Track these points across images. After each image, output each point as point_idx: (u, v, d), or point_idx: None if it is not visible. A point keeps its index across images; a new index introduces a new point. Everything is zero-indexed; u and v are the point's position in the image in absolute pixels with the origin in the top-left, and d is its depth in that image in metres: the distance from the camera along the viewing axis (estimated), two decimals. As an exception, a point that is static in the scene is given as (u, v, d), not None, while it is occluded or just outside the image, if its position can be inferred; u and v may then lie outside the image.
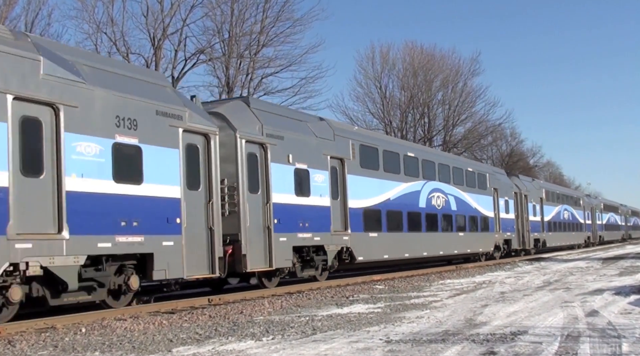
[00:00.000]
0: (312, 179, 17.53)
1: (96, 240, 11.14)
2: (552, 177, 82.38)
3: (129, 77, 12.78)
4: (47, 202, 10.54)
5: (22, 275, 10.07)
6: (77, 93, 11.11)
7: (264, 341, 8.17)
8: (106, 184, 11.48)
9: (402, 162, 22.73)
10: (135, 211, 11.92)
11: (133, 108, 12.15)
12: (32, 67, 10.47)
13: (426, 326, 8.99)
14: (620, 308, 10.57)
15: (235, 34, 36.83)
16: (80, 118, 11.10)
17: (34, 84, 10.46)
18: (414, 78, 51.41)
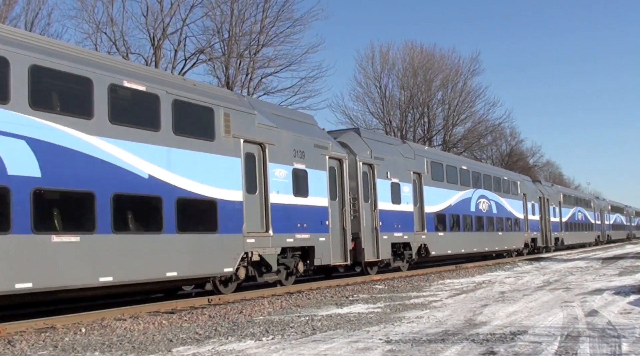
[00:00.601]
0: (402, 190, 22.46)
1: (286, 237, 16.01)
2: (552, 176, 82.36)
3: (296, 120, 18.02)
4: (260, 211, 15.33)
5: (249, 260, 14.84)
6: (273, 135, 15.94)
7: (264, 341, 8.17)
8: (290, 198, 16.34)
9: (458, 174, 27.75)
10: (305, 216, 16.78)
11: (302, 143, 17.12)
12: (251, 120, 15.35)
13: (426, 326, 8.99)
14: (619, 308, 10.58)
15: (235, 33, 36.82)
16: (275, 152, 15.91)
17: (252, 130, 15.30)
18: (413, 78, 51.39)
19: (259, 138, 15.40)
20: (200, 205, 13.63)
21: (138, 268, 12.01)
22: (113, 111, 11.90)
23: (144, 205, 12.48)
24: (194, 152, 13.62)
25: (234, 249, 14.35)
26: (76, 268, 10.90)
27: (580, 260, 28.96)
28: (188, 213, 13.25)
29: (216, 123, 14.29)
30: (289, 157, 16.43)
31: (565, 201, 44.22)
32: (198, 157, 13.68)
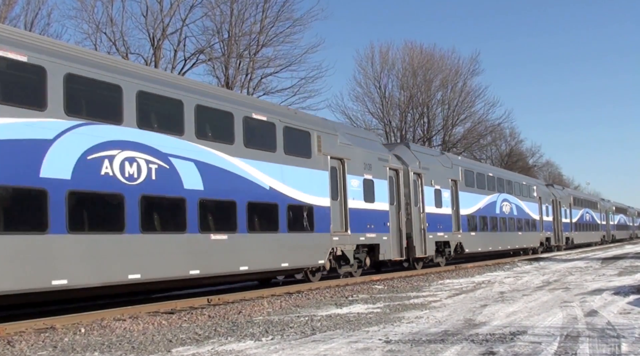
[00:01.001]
0: (443, 196, 25.81)
1: (359, 235, 19.29)
2: (551, 176, 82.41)
3: (364, 138, 21.62)
4: (341, 214, 18.64)
5: (334, 254, 18.22)
6: (349, 151, 19.34)
7: (263, 341, 8.17)
8: (361, 203, 19.67)
9: (486, 181, 31.35)
10: (372, 219, 20.05)
11: (369, 157, 20.47)
12: (334, 140, 18.76)
13: (425, 327, 8.99)
14: (619, 308, 10.58)
15: (235, 33, 36.81)
16: (351, 165, 19.25)
17: (335, 148, 18.68)
18: (413, 78, 51.40)
19: (340, 154, 18.95)
20: (302, 210, 17.04)
21: (265, 259, 15.54)
22: (246, 137, 15.38)
23: (266, 210, 15.77)
24: (298, 167, 17.09)
25: (324, 245, 17.76)
26: (226, 259, 14.33)
27: (579, 260, 28.96)
28: (294, 216, 16.65)
29: (312, 144, 17.83)
30: (360, 169, 19.97)
31: (575, 203, 47.14)
32: (300, 172, 17.17)
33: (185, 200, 13.31)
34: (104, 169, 11.71)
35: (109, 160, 11.81)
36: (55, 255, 10.63)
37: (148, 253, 12.32)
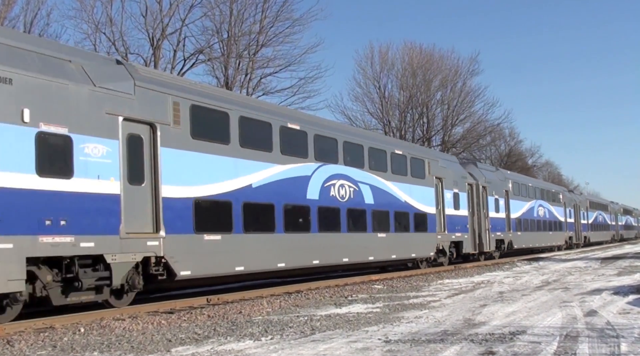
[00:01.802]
0: (499, 204, 32.55)
1: (451, 235, 25.64)
2: (551, 177, 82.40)
3: (450, 161, 28.21)
4: (440, 219, 25.22)
5: (437, 249, 24.49)
6: (445, 172, 25.72)
7: (263, 341, 8.17)
8: (452, 211, 26.21)
9: (527, 190, 38.56)
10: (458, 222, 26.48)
11: (456, 176, 27.10)
12: (437, 164, 25.26)
13: (425, 326, 8.99)
14: (618, 308, 10.58)
15: (234, 34, 36.80)
16: (446, 183, 25.84)
17: (437, 170, 25.00)
18: (412, 78, 51.38)
19: (440, 175, 25.37)
20: (422, 216, 23.52)
21: (401, 251, 21.94)
22: (392, 167, 22.14)
23: (404, 217, 22.33)
24: (418, 185, 23.60)
25: (433, 242, 24.25)
26: (386, 249, 21.09)
27: (579, 260, 28.97)
28: (417, 221, 23.15)
29: (425, 168, 24.45)
30: (451, 185, 26.27)
31: (591, 206, 52.76)
32: (419, 189, 23.76)
33: (366, 211, 20.18)
34: (332, 192, 18.61)
35: (333, 186, 18.74)
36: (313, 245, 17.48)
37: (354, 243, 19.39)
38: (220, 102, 15.10)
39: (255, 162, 15.72)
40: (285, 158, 16.75)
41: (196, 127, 14.00)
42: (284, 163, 16.74)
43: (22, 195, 10.35)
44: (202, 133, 14.20)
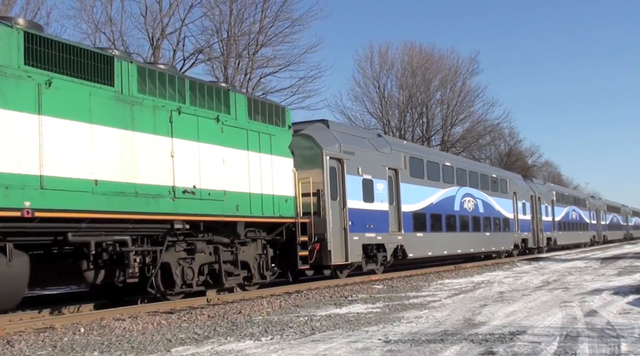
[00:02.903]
0: (547, 209, 41.08)
1: (522, 234, 35.32)
2: (551, 176, 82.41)
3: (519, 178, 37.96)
4: (516, 222, 33.96)
5: (515, 244, 33.71)
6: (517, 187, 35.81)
7: (263, 341, 8.17)
8: (522, 216, 35.88)
9: (565, 197, 47.20)
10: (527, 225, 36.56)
11: (525, 189, 36.69)
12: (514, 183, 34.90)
13: (425, 326, 8.99)
14: (619, 308, 10.58)
15: (234, 33, 36.78)
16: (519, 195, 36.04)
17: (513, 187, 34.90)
18: (412, 78, 51.38)
19: (515, 190, 34.77)
20: (506, 221, 32.42)
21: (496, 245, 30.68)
22: (493, 187, 31.01)
23: (497, 221, 30.96)
24: (504, 199, 32.63)
25: (512, 239, 33.28)
26: (488, 243, 30.04)
27: (579, 260, 28.97)
28: (505, 224, 32.02)
29: (507, 186, 33.31)
30: (521, 197, 35.57)
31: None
32: (505, 201, 32.74)
33: (480, 218, 29.10)
34: (464, 205, 27.55)
35: (465, 201, 27.71)
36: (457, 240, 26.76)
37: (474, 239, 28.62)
38: (418, 152, 25.51)
39: (433, 188, 24.93)
40: (445, 185, 26.05)
41: (412, 170, 23.36)
42: (444, 188, 26.04)
43: (359, 212, 19.26)
44: (414, 173, 23.51)
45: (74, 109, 10.66)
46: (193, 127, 13.13)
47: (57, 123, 10.35)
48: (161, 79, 12.61)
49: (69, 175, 10.43)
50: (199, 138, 13.26)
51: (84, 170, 10.70)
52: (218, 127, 13.85)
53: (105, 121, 11.23)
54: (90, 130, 10.90)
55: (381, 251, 20.55)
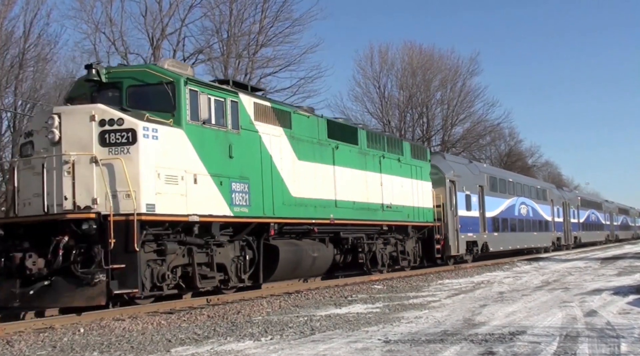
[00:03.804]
0: (574, 212, 47.41)
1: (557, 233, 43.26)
2: (551, 177, 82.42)
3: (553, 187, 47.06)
4: (553, 223, 41.78)
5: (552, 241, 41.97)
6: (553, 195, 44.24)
7: (263, 341, 8.16)
8: (557, 218, 43.95)
9: (585, 203, 53.89)
10: (560, 226, 44.27)
11: (560, 196, 45.10)
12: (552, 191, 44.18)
13: (425, 327, 8.99)
14: (618, 308, 10.58)
15: (234, 34, 36.79)
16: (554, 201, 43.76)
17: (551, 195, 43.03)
18: (412, 78, 51.34)
19: (552, 197, 41.64)
20: (546, 223, 39.60)
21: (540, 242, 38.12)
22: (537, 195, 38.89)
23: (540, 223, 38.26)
24: (545, 205, 39.62)
25: (550, 237, 39.91)
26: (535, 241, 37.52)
27: (579, 260, 28.96)
28: (546, 226, 39.22)
29: (547, 194, 40.70)
30: (555, 203, 41.87)
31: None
32: (546, 207, 39.72)
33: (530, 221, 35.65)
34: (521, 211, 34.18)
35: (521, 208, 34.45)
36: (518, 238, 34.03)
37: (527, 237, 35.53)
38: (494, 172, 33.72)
39: (502, 199, 31.92)
40: (509, 196, 32.97)
41: (491, 186, 30.51)
42: (509, 198, 32.88)
43: (464, 218, 25.87)
44: (492, 188, 30.58)
45: (346, 160, 17.99)
46: (389, 165, 20.37)
47: (340, 169, 17.61)
48: (375, 138, 20.21)
49: (345, 199, 17.62)
50: (391, 172, 20.44)
51: (349, 195, 17.90)
52: (398, 164, 21.00)
53: (356, 166, 18.50)
54: (351, 172, 18.23)
55: (475, 246, 27.67)
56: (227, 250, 13.59)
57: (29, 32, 35.29)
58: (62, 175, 11.30)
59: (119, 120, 11.38)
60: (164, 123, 11.90)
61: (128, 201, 11.12)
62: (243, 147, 13.71)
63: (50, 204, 11.24)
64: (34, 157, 11.71)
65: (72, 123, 11.42)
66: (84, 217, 10.91)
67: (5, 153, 37.10)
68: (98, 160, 11.25)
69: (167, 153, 11.80)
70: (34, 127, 12.00)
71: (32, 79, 36.35)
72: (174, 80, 12.32)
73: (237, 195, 13.42)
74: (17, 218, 11.90)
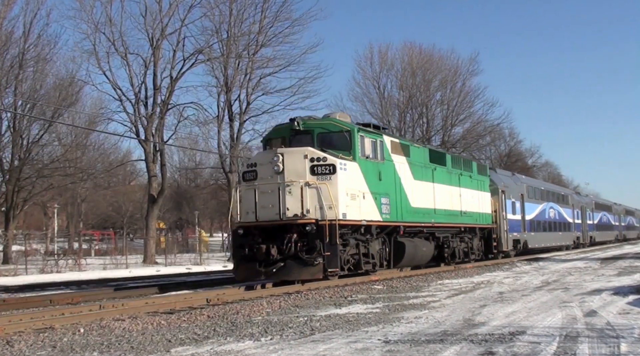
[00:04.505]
0: (590, 215, 52.52)
1: (577, 232, 47.27)
2: (551, 177, 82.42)
3: (574, 193, 53.63)
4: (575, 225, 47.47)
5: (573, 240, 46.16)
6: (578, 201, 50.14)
7: (263, 341, 8.16)
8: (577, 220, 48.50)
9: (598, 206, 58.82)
10: (579, 227, 48.91)
11: (579, 201, 50.46)
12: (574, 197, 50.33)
13: (424, 327, 8.99)
14: (618, 308, 10.58)
15: (234, 34, 36.80)
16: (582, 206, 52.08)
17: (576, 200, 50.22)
18: (412, 78, 51.38)
19: (573, 202, 46.32)
20: (569, 224, 44.41)
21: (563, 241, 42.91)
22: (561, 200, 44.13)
23: (564, 224, 43.43)
24: (567, 208, 44.54)
25: (572, 237, 44.64)
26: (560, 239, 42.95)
27: (578, 261, 28.96)
28: (568, 227, 44.07)
29: (569, 199, 46.03)
30: (575, 207, 46.43)
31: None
32: (568, 210, 45.04)
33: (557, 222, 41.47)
34: (550, 214, 39.82)
35: (550, 212, 40.03)
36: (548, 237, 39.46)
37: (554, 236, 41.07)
38: (531, 182, 39.94)
39: (537, 204, 36.95)
40: (541, 201, 38.16)
41: (529, 193, 35.67)
42: (541, 203, 37.98)
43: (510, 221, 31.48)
44: (530, 195, 35.77)
45: (440, 178, 22.86)
46: (464, 181, 25.20)
47: (437, 185, 22.54)
48: (456, 160, 25.44)
49: (439, 207, 22.51)
50: (465, 186, 25.27)
51: (442, 204, 22.80)
52: (470, 180, 25.93)
53: (445, 182, 23.39)
54: (443, 187, 23.16)
55: (518, 243, 32.52)
56: (375, 244, 18.61)
57: (28, 32, 35.37)
58: (286, 194, 16.28)
59: (324, 158, 16.51)
60: (347, 159, 17.05)
61: (331, 211, 16.10)
62: (385, 172, 18.95)
63: (283, 213, 16.28)
64: (259, 181, 16.70)
65: (292, 159, 16.40)
66: (308, 221, 16.00)
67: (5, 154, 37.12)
68: (310, 184, 16.26)
69: (351, 180, 17.02)
70: (259, 161, 17.05)
71: (32, 79, 36.40)
72: (351, 129, 17.59)
73: (383, 206, 18.65)
74: (257, 222, 16.62)
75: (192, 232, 55.97)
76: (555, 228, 41.11)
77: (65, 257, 31.21)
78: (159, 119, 36.08)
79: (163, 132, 37.16)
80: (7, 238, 35.54)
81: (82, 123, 43.30)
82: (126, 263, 32.93)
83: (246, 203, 17.05)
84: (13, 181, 36.44)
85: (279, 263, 16.01)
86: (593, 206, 56.81)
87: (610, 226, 65.20)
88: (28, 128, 37.34)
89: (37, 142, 37.63)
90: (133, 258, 36.00)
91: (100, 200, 58.26)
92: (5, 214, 37.75)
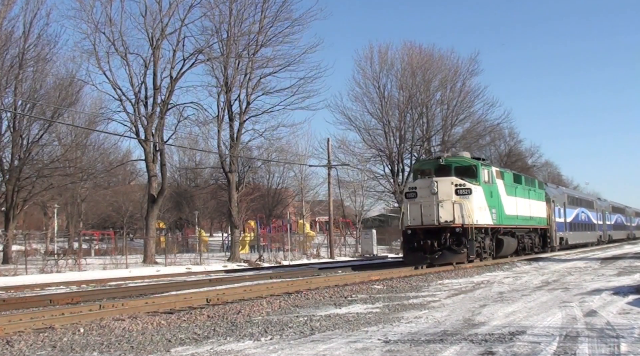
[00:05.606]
0: (609, 217, 61.09)
1: (600, 232, 55.84)
2: (551, 177, 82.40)
3: (598, 198, 61.62)
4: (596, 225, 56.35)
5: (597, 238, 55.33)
6: (600, 206, 57.71)
7: (262, 341, 8.17)
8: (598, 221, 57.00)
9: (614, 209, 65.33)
10: (602, 227, 57.34)
11: (600, 205, 57.33)
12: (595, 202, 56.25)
13: (424, 327, 8.99)
14: (618, 308, 10.58)
15: (234, 33, 36.77)
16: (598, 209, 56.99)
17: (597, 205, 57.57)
18: (412, 78, 51.30)
19: (596, 207, 54.09)
20: (594, 225, 52.41)
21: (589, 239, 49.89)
22: (586, 204, 51.03)
23: (590, 225, 51.33)
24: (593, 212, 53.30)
25: (596, 236, 52.49)
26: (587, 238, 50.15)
27: (579, 260, 28.96)
28: (593, 227, 52.03)
29: (594, 204, 53.95)
30: (599, 210, 54.87)
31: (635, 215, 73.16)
32: (594, 213, 53.53)
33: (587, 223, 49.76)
34: (582, 217, 48.12)
35: (581, 215, 48.02)
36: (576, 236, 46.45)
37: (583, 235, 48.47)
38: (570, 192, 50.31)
39: (573, 210, 44.43)
40: (575, 207, 45.28)
41: (568, 201, 43.57)
42: (575, 208, 45.14)
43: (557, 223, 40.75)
44: (569, 202, 43.93)
45: (519, 193, 31.00)
46: (532, 194, 33.45)
47: (517, 198, 30.60)
48: (528, 180, 34.10)
49: (519, 214, 30.66)
50: (531, 197, 33.27)
51: (520, 212, 30.82)
52: (534, 192, 34.10)
53: (521, 195, 31.35)
54: (520, 199, 31.08)
55: (562, 240, 40.48)
56: (487, 240, 26.31)
57: (28, 32, 35.33)
58: (439, 207, 24.35)
59: (464, 184, 24.76)
60: (475, 184, 25.23)
61: (469, 219, 24.24)
62: (494, 191, 27.14)
63: (438, 220, 24.32)
64: (419, 199, 24.81)
65: (443, 185, 24.59)
66: (457, 226, 24.15)
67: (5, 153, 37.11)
68: (454, 202, 24.28)
69: (479, 198, 25.22)
70: (418, 185, 25.29)
71: (32, 78, 36.36)
72: (476, 164, 26.23)
73: (493, 215, 26.62)
74: (422, 225, 24.71)
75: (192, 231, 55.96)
76: (585, 229, 49.90)
77: (65, 256, 31.14)
78: (159, 119, 36.07)
79: (163, 132, 37.14)
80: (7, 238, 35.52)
81: (82, 123, 43.29)
82: (126, 263, 32.90)
83: (413, 213, 24.94)
84: (13, 181, 36.43)
85: (437, 252, 24.21)
86: (610, 209, 64.89)
87: (624, 226, 73.70)
88: (28, 128, 37.31)
89: (37, 142, 37.60)
90: (133, 258, 35.98)
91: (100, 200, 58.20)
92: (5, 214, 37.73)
